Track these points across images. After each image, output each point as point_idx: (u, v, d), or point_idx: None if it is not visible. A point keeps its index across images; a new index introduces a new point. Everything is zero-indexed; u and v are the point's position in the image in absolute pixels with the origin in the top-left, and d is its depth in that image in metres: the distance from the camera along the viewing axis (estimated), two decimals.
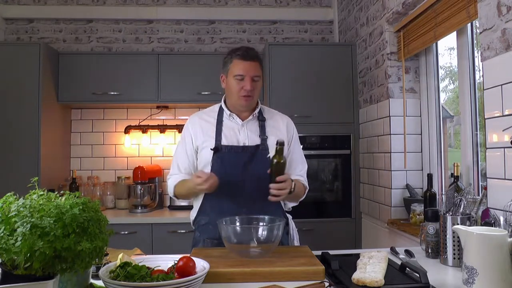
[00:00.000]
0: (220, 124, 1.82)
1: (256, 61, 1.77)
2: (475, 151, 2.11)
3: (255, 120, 1.84)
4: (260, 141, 1.79)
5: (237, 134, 1.80)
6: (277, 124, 1.87)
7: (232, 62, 1.77)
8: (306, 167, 1.94)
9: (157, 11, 3.72)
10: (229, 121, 1.83)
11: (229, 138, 1.79)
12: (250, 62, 1.74)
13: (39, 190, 1.10)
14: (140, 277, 1.11)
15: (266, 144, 1.78)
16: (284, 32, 3.83)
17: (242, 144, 1.78)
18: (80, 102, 3.36)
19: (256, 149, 1.77)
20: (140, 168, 3.27)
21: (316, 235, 3.02)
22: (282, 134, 1.84)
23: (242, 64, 1.74)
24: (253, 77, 1.75)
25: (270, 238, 1.45)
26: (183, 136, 1.88)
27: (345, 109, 3.14)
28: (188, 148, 1.84)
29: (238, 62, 1.75)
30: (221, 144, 1.77)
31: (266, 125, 1.84)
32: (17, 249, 0.93)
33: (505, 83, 1.53)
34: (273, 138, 1.77)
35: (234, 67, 1.76)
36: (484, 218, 1.48)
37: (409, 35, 2.50)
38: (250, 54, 1.76)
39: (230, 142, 1.78)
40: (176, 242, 2.92)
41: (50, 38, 3.66)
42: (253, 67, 1.75)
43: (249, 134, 1.80)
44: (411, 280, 1.24)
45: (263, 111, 1.89)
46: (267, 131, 1.83)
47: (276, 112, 1.96)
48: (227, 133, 1.80)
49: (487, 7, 1.61)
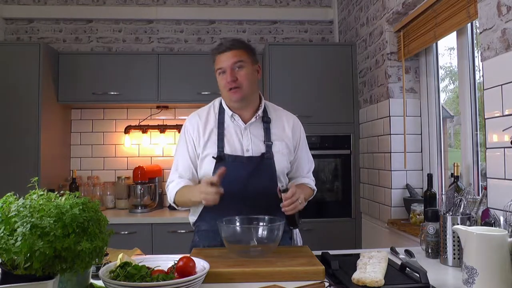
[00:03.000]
0: (222, 127, 1.70)
1: (235, 49, 1.64)
2: (475, 151, 2.11)
3: (259, 122, 1.73)
4: (265, 149, 1.69)
5: (240, 138, 1.70)
6: (282, 127, 1.76)
7: (215, 60, 1.69)
8: (313, 166, 1.89)
9: (157, 11, 3.72)
10: (231, 123, 1.72)
11: (232, 144, 1.68)
12: (227, 53, 1.64)
13: (39, 190, 1.10)
14: (140, 277, 1.11)
15: (271, 151, 1.68)
16: (284, 32, 3.83)
17: (245, 151, 1.68)
18: (80, 102, 3.36)
19: (261, 158, 1.67)
20: (140, 168, 3.27)
21: (316, 235, 3.02)
22: (288, 139, 1.74)
23: (219, 57, 1.66)
24: (233, 65, 1.63)
25: (270, 238, 1.45)
26: (183, 139, 1.75)
27: (345, 109, 3.14)
28: (190, 151, 1.73)
29: (217, 57, 1.67)
30: (224, 153, 1.66)
31: (271, 128, 1.73)
32: (17, 249, 0.93)
33: (505, 83, 1.53)
34: (278, 144, 1.71)
35: (216, 64, 1.68)
36: (484, 218, 1.48)
37: (409, 35, 2.50)
38: (226, 44, 1.65)
39: (233, 150, 1.67)
40: (176, 242, 2.92)
41: (50, 38, 3.66)
42: (232, 55, 1.64)
43: (253, 139, 1.70)
44: (411, 280, 1.24)
45: (267, 109, 1.77)
46: (272, 134, 1.72)
47: (282, 111, 1.83)
48: (229, 138, 1.69)
49: (487, 7, 1.61)
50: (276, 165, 1.69)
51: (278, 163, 1.69)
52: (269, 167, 1.68)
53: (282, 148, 1.72)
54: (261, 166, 1.67)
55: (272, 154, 1.69)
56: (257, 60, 1.74)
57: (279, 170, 1.70)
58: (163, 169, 3.59)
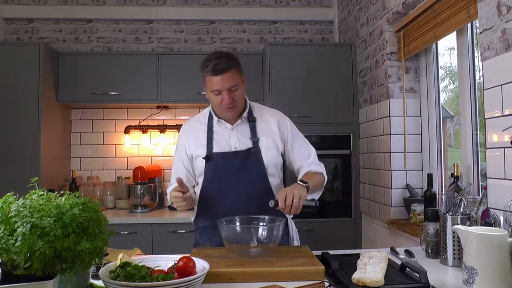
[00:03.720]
0: (211, 131, 1.79)
1: (229, 71, 1.66)
2: (475, 151, 2.11)
3: (245, 122, 1.80)
4: (251, 144, 1.76)
5: (228, 139, 1.77)
6: (268, 124, 1.82)
7: (206, 78, 1.70)
8: (314, 151, 1.87)
9: (157, 11, 3.72)
10: (219, 127, 1.80)
11: (220, 144, 1.76)
12: (222, 76, 1.65)
13: (39, 190, 1.10)
14: (140, 277, 1.11)
15: (258, 146, 1.76)
16: (284, 32, 3.83)
17: (233, 149, 1.75)
18: (80, 102, 3.36)
19: (248, 152, 1.75)
20: (140, 168, 3.27)
21: (316, 235, 3.02)
22: (274, 134, 1.80)
23: (215, 80, 1.66)
24: (230, 89, 1.68)
25: (270, 238, 1.45)
26: (178, 146, 1.89)
27: (345, 109, 3.14)
28: (183, 158, 1.84)
29: (210, 78, 1.67)
30: (213, 152, 1.75)
31: (257, 126, 1.80)
32: (17, 249, 0.93)
33: (505, 83, 1.53)
34: (265, 139, 1.76)
35: (209, 83, 1.70)
36: (484, 218, 1.48)
37: (409, 35, 2.50)
38: (221, 67, 1.65)
39: (221, 149, 1.75)
40: (176, 242, 2.92)
41: (50, 38, 3.66)
42: (227, 79, 1.66)
43: (240, 137, 1.77)
44: (411, 280, 1.24)
45: (253, 109, 1.84)
46: (258, 131, 1.79)
47: (267, 110, 1.90)
48: (218, 139, 1.78)
49: (487, 7, 1.61)
50: (264, 159, 1.75)
51: (265, 157, 1.76)
52: (257, 160, 1.74)
53: (269, 142, 1.78)
54: (248, 160, 1.74)
55: (259, 148, 1.76)
56: (243, 72, 1.78)
57: (267, 162, 1.76)
58: (163, 169, 3.59)
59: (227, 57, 1.70)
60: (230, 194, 1.72)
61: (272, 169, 1.78)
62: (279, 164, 1.83)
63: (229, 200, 1.72)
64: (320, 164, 1.85)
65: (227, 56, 1.70)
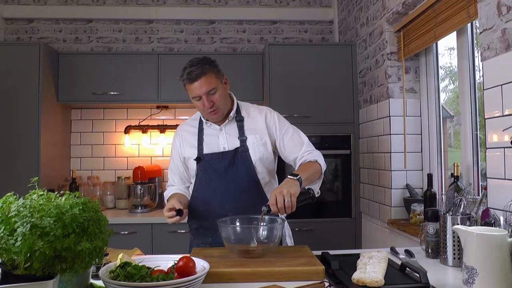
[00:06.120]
0: (201, 133, 1.85)
1: (203, 77, 1.70)
2: (475, 151, 2.11)
3: (233, 122, 1.83)
4: (239, 143, 1.79)
5: (217, 140, 1.82)
6: (255, 121, 1.84)
7: (186, 87, 1.75)
8: (307, 139, 1.85)
9: (157, 11, 3.72)
10: (208, 128, 1.85)
11: (209, 145, 1.81)
12: (197, 82, 1.70)
13: (39, 190, 1.10)
14: (140, 277, 1.11)
15: (246, 145, 1.79)
16: (284, 32, 3.83)
17: (222, 149, 1.80)
18: (80, 102, 3.36)
19: (236, 152, 1.78)
20: (140, 168, 3.27)
21: (316, 235, 3.02)
22: (261, 131, 1.81)
23: (192, 87, 1.72)
24: (207, 93, 1.71)
25: (270, 238, 1.46)
26: (172, 149, 1.94)
27: (345, 109, 3.14)
28: (176, 160, 1.90)
29: (188, 86, 1.73)
30: (203, 153, 1.80)
31: (244, 125, 1.83)
32: (17, 249, 0.93)
33: (505, 83, 1.53)
34: (252, 137, 1.79)
35: (188, 90, 1.75)
36: (484, 218, 1.48)
37: (409, 35, 2.50)
38: (194, 74, 1.70)
39: (210, 150, 1.80)
40: (176, 242, 2.92)
41: (50, 38, 3.67)
42: (203, 83, 1.70)
43: (228, 137, 1.81)
44: (411, 280, 1.24)
45: (240, 109, 1.87)
46: (245, 130, 1.82)
47: (254, 107, 1.91)
48: (207, 140, 1.82)
49: (487, 7, 1.61)
50: (252, 156, 1.78)
51: (253, 154, 1.79)
52: (245, 158, 1.78)
53: (256, 140, 1.81)
54: (236, 158, 1.78)
55: (247, 147, 1.79)
56: (222, 74, 1.81)
57: (255, 159, 1.79)
58: (163, 169, 3.59)
59: (201, 63, 1.73)
60: (220, 193, 1.76)
61: (261, 166, 1.79)
62: (269, 161, 1.83)
63: (219, 200, 1.75)
64: (313, 151, 1.81)
65: (200, 62, 1.74)
